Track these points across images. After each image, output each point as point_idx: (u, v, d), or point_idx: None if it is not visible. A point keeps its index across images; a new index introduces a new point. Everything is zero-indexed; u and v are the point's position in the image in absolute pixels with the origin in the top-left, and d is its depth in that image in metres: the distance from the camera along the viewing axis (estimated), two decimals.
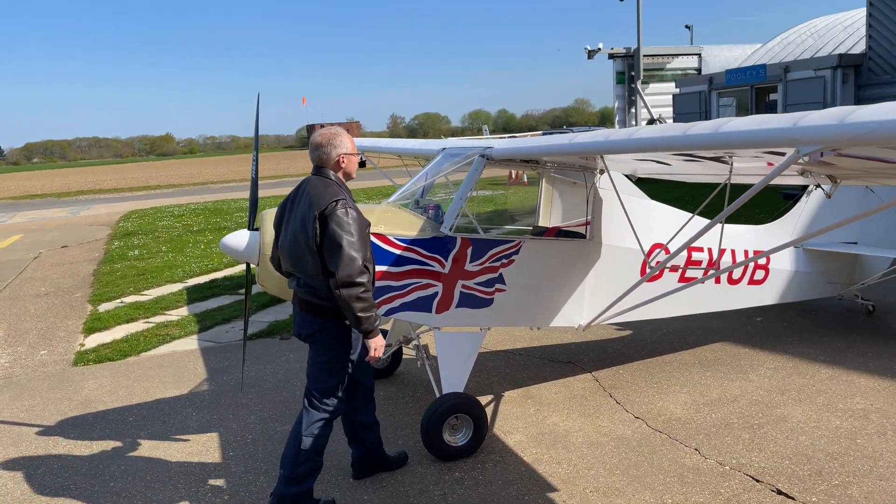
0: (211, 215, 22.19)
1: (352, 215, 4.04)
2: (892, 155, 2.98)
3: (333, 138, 4.22)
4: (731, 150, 3.09)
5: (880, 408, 5.36)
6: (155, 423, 5.92)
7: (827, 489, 4.28)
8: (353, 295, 3.91)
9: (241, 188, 37.33)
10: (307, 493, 4.25)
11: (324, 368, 4.27)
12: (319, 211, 4.04)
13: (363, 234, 4.05)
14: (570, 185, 6.27)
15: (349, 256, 3.93)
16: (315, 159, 4.25)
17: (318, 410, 4.25)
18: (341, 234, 3.97)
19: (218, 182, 45.64)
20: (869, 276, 7.38)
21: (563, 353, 7.14)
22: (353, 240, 3.97)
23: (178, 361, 7.56)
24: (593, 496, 4.36)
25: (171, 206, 26.98)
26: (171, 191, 40.42)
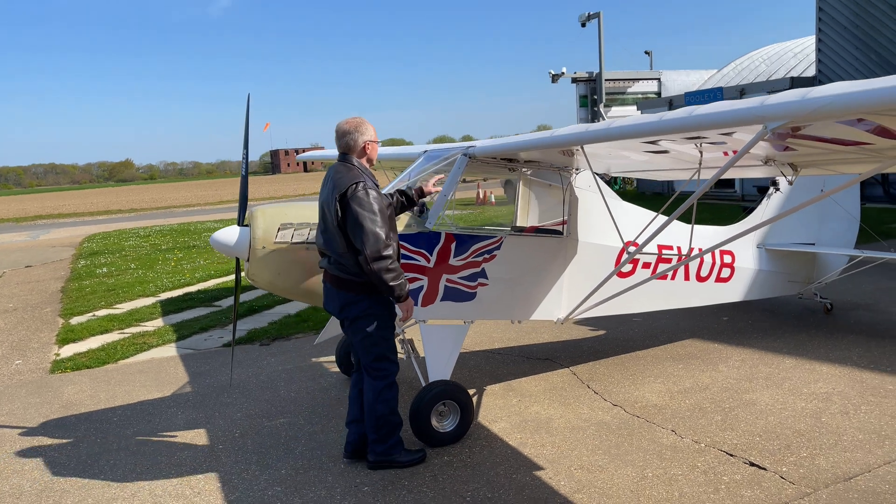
0: (178, 235, 22.01)
1: (372, 195, 4.40)
2: (843, 133, 3.28)
3: (360, 125, 4.60)
4: (704, 130, 3.36)
5: (842, 391, 5.68)
6: (140, 421, 5.94)
7: (796, 460, 4.54)
8: (383, 267, 4.32)
9: (206, 211, 37.09)
10: (396, 444, 4.74)
11: (369, 340, 4.62)
12: (340, 193, 4.41)
13: (384, 211, 4.42)
14: (546, 187, 6.53)
15: (373, 233, 4.31)
16: (342, 146, 4.62)
17: (378, 379, 4.66)
18: (363, 214, 4.34)
19: (181, 206, 45.14)
20: (826, 275, 7.79)
21: (540, 351, 7.35)
22: (375, 217, 4.35)
23: (157, 367, 7.57)
24: (578, 473, 4.55)
25: (135, 229, 26.65)
26: (133, 215, 39.86)
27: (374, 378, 4.69)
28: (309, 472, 4.78)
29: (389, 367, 4.71)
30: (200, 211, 38.24)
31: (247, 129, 5.43)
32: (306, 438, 5.37)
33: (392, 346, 4.75)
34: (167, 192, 74.66)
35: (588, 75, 29.77)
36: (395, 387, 4.74)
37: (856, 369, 6.16)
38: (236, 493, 4.54)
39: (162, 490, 4.64)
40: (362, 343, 4.66)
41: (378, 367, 4.68)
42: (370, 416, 4.72)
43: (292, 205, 5.55)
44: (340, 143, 4.61)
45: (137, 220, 33.16)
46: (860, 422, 5.06)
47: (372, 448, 4.74)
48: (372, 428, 4.71)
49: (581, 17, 29.92)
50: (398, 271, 4.39)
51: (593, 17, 29.31)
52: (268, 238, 5.14)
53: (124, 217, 38.19)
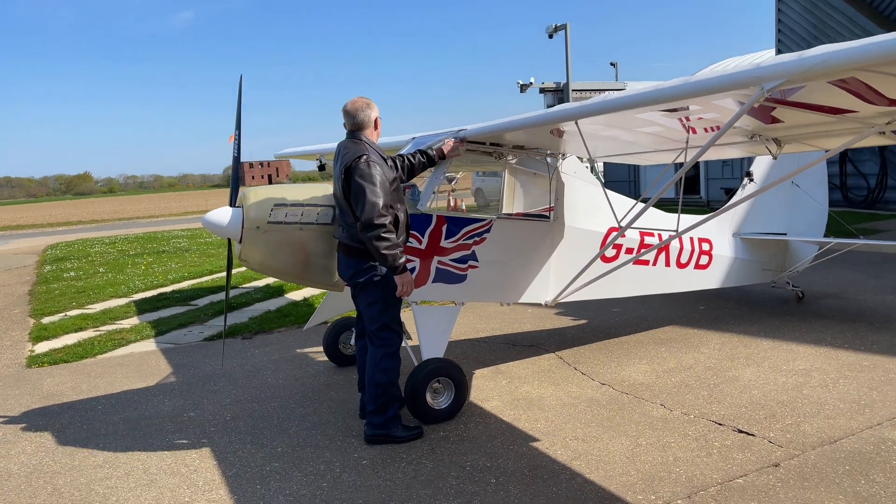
0: (146, 242, 21.64)
1: (374, 168, 4.56)
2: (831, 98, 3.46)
3: (370, 103, 4.86)
4: (701, 96, 3.49)
5: (820, 367, 5.88)
6: (126, 409, 5.86)
7: (782, 427, 4.69)
8: (375, 235, 4.45)
9: (171, 222, 36.50)
10: (394, 419, 4.78)
11: (375, 308, 4.74)
12: (345, 166, 4.60)
13: (385, 184, 4.55)
14: (531, 175, 6.65)
15: (371, 202, 4.46)
16: (354, 124, 4.80)
17: (380, 347, 4.76)
18: (364, 184, 4.51)
19: (145, 217, 44.38)
20: (797, 263, 8.05)
21: (525, 339, 7.45)
22: (375, 188, 4.50)
23: (138, 360, 7.46)
24: (573, 443, 4.63)
25: (99, 238, 26.12)
26: (94, 226, 39.02)
27: (377, 346, 4.81)
28: (306, 450, 4.77)
29: (392, 338, 4.82)
30: (164, 222, 37.62)
31: (239, 109, 5.43)
32: (299, 419, 5.36)
33: (397, 316, 4.86)
34: (128, 205, 73.30)
35: (556, 85, 30.20)
36: (396, 358, 4.83)
37: (831, 349, 6.38)
38: (234, 469, 4.51)
39: (156, 468, 4.59)
40: (368, 310, 4.80)
41: (381, 336, 4.80)
42: (369, 385, 4.82)
43: (285, 186, 5.57)
44: (352, 121, 4.79)
45: (100, 231, 32.47)
46: (840, 393, 5.25)
47: (369, 420, 4.79)
48: (371, 398, 4.79)
49: (548, 28, 30.38)
50: (392, 241, 4.48)
51: (560, 28, 29.76)
52: (261, 218, 5.13)
53: (86, 228, 37.37)
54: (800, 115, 3.85)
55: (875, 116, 3.69)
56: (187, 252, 17.55)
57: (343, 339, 6.70)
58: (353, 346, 6.72)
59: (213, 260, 15.33)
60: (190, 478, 4.43)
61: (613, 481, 4.05)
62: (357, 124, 4.78)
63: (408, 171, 5.21)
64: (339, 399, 5.79)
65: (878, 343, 6.44)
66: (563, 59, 29.51)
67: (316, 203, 5.22)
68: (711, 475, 4.05)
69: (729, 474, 4.05)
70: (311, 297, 10.14)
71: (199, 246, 18.91)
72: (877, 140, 4.16)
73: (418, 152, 5.31)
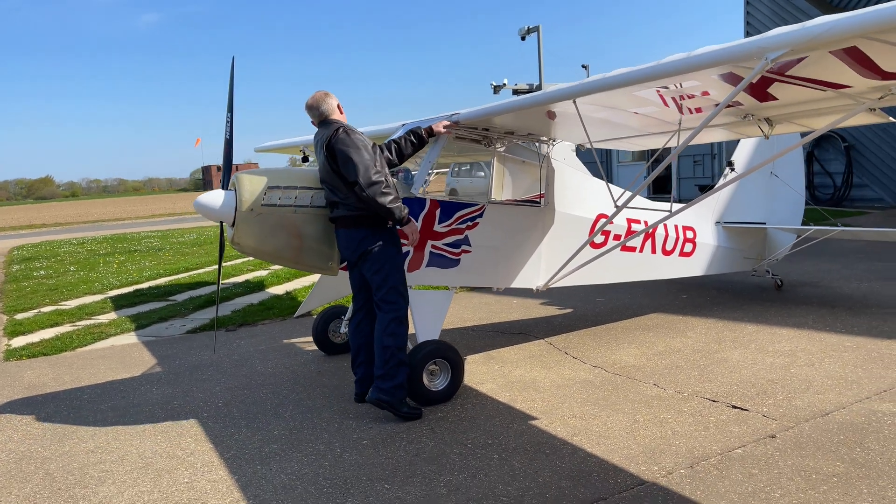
0: (116, 242, 21.23)
1: (354, 135, 4.72)
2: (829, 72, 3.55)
3: (326, 95, 4.99)
4: (704, 69, 3.56)
5: (804, 348, 6.01)
6: (113, 398, 5.75)
7: (774, 402, 4.79)
8: (378, 191, 4.59)
9: (139, 224, 35.81)
10: (401, 386, 4.80)
11: (381, 273, 4.81)
12: (325, 144, 4.72)
13: (369, 149, 4.70)
14: (520, 163, 6.69)
15: (363, 164, 4.62)
16: (319, 115, 4.97)
17: (388, 312, 4.81)
18: (349, 150, 4.66)
19: (111, 220, 43.48)
20: (776, 251, 8.22)
21: (513, 327, 7.48)
22: (360, 151, 4.66)
23: (120, 353, 7.32)
24: (572, 421, 4.67)
25: (66, 240, 25.54)
26: (58, 228, 38.08)
27: (385, 311, 4.86)
28: (303, 432, 4.73)
29: (399, 301, 4.88)
30: (132, 224, 36.84)
31: (231, 91, 5.37)
32: (294, 404, 5.31)
33: (403, 280, 4.93)
34: (92, 208, 71.67)
35: (529, 87, 30.38)
36: (404, 323, 4.88)
37: (814, 331, 6.52)
38: (231, 452, 4.45)
39: (151, 452, 4.51)
40: (375, 277, 4.85)
41: (388, 300, 4.85)
42: (378, 349, 4.85)
43: (279, 169, 5.52)
44: (317, 114, 4.96)
45: (66, 233, 31.68)
46: (826, 371, 5.37)
47: (377, 384, 4.82)
48: (380, 363, 4.83)
49: (521, 30, 30.57)
50: (394, 194, 4.64)
51: (532, 30, 29.98)
52: (255, 201, 5.07)
53: (50, 230, 36.43)
54: (795, 92, 3.94)
55: (868, 91, 3.79)
56: (161, 251, 17.27)
57: (332, 328, 6.66)
58: (343, 335, 6.70)
59: (189, 258, 15.11)
60: (187, 460, 4.36)
61: (616, 454, 4.09)
62: (322, 114, 4.94)
63: (397, 154, 5.22)
64: (332, 385, 5.75)
65: (858, 326, 6.61)
66: (536, 60, 29.77)
67: (310, 186, 5.19)
68: (710, 447, 4.11)
69: (727, 446, 4.11)
70: (294, 291, 10.06)
71: (172, 245, 18.62)
72: (867, 118, 4.28)
73: (407, 133, 5.34)
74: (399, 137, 5.35)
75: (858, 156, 19.16)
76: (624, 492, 3.63)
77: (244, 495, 3.84)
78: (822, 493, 3.48)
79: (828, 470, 3.72)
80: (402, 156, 5.29)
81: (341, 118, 4.99)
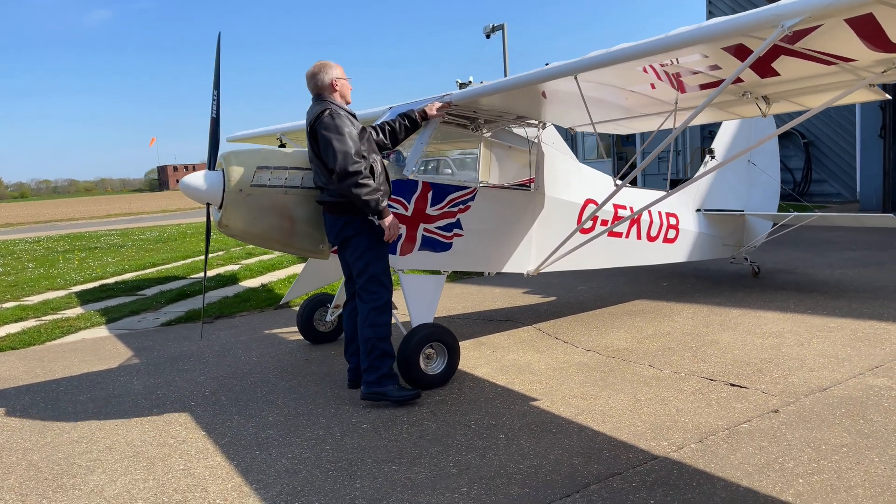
0: (74, 240, 20.54)
1: (338, 119, 4.50)
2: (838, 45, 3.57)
3: (325, 66, 4.77)
4: (717, 42, 3.55)
5: (791, 329, 6.08)
6: (91, 389, 5.51)
7: (770, 380, 4.82)
8: (353, 183, 4.40)
9: (94, 224, 34.74)
10: (388, 376, 4.65)
11: (362, 261, 4.65)
12: (309, 125, 4.54)
13: (353, 134, 4.50)
14: (508, 147, 6.62)
15: (341, 151, 4.42)
16: (312, 88, 4.77)
17: (367, 301, 4.65)
18: (329, 136, 4.47)
19: (64, 220, 42.17)
20: (754, 239, 8.34)
21: (498, 314, 7.42)
22: (342, 137, 4.46)
23: (93, 346, 7.05)
24: (573, 401, 4.62)
25: (21, 238, 24.65)
26: (10, 229, 36.70)
27: (365, 301, 4.71)
28: (299, 418, 4.59)
29: (380, 291, 4.70)
30: (87, 224, 35.70)
31: (217, 68, 5.19)
32: (285, 392, 5.16)
33: (385, 269, 4.77)
34: (43, 209, 69.46)
35: None
36: (386, 312, 4.72)
37: (797, 314, 6.62)
38: (226, 439, 4.29)
39: (140, 441, 4.32)
40: (356, 264, 4.71)
41: (369, 290, 4.69)
42: (360, 341, 4.74)
43: (267, 149, 5.36)
44: (310, 86, 4.79)
45: (18, 233, 30.59)
46: (816, 350, 5.43)
47: (364, 379, 4.70)
48: (364, 354, 4.71)
49: (486, 28, 30.64)
50: (370, 186, 4.43)
51: (497, 28, 30.09)
52: (244, 181, 4.90)
53: (1, 231, 35.19)
54: (799, 66, 3.96)
55: (872, 65, 3.83)
56: (122, 248, 16.77)
57: (318, 316, 6.50)
58: (329, 323, 6.56)
59: (154, 254, 14.69)
60: (179, 448, 4.18)
61: (623, 431, 4.05)
62: (316, 88, 4.76)
63: (391, 136, 5.13)
64: (322, 372, 5.61)
65: (839, 308, 6.73)
66: (501, 58, 29.86)
67: (300, 166, 5.04)
68: (716, 422, 4.11)
69: (733, 421, 4.11)
70: (270, 284, 9.84)
71: (134, 242, 18.11)
72: (864, 95, 4.33)
73: (400, 116, 5.23)
74: (393, 120, 5.25)
75: (817, 152, 19.66)
76: (638, 466, 3.59)
77: (246, 480, 3.69)
78: (835, 463, 3.49)
79: (836, 441, 3.74)
80: (395, 139, 5.19)
81: (334, 96, 4.77)
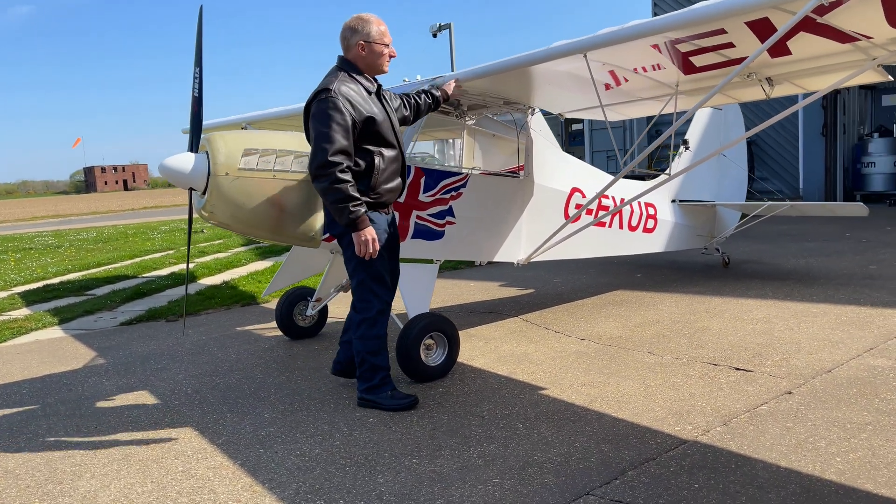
0: (4, 241, 19.36)
1: (331, 105, 3.97)
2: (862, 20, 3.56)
3: (359, 22, 4.18)
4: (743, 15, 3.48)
5: (777, 315, 6.14)
6: (58, 391, 5.08)
7: (773, 363, 4.81)
8: (321, 187, 3.97)
9: (21, 227, 32.87)
10: (378, 387, 4.27)
11: (352, 263, 4.21)
12: (306, 105, 4.11)
13: (343, 124, 3.93)
14: (496, 134, 6.46)
15: (317, 148, 3.95)
16: (341, 46, 4.23)
17: (359, 311, 4.25)
18: (315, 126, 4.01)
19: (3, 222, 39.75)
20: (724, 230, 8.45)
21: (481, 307, 7.27)
22: (326, 131, 3.93)
23: (50, 346, 6.55)
24: (583, 389, 4.50)
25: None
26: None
27: (357, 310, 4.31)
28: (297, 414, 4.32)
29: (370, 299, 4.23)
30: (13, 226, 33.80)
31: (199, 43, 4.84)
32: (275, 388, 4.87)
33: (378, 274, 4.25)
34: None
35: None
36: (377, 325, 4.26)
37: (778, 301, 6.70)
38: (223, 438, 3.98)
39: (126, 443, 3.97)
40: (347, 265, 4.30)
41: (360, 297, 4.27)
42: (353, 349, 4.38)
43: (253, 132, 5.06)
44: (341, 45, 4.27)
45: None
46: (808, 334, 5.48)
47: (357, 385, 4.39)
48: (357, 364, 4.37)
49: (432, 27, 30.45)
50: (342, 193, 3.88)
51: (444, 27, 30.00)
52: (231, 164, 4.59)
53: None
54: (813, 46, 3.95)
55: (887, 43, 3.84)
56: (60, 248, 15.88)
57: (298, 311, 6.20)
58: (310, 318, 6.26)
59: (97, 254, 13.95)
60: (173, 448, 3.86)
61: (643, 417, 3.95)
62: (342, 48, 4.25)
63: (413, 111, 4.78)
64: (310, 367, 5.33)
65: (815, 295, 6.84)
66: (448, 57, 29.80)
67: (290, 149, 4.77)
68: (734, 405, 4.05)
69: (750, 403, 4.06)
70: (233, 281, 9.41)
71: (72, 242, 17.18)
72: (869, 76, 4.37)
73: (423, 92, 4.87)
74: (417, 93, 4.86)
75: (759, 151, 20.27)
76: (669, 451, 3.48)
77: (256, 480, 3.41)
78: (865, 441, 3.47)
79: (859, 420, 3.73)
80: (417, 114, 4.84)
81: (356, 63, 4.18)
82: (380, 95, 4.28)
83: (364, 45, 4.18)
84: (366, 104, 4.11)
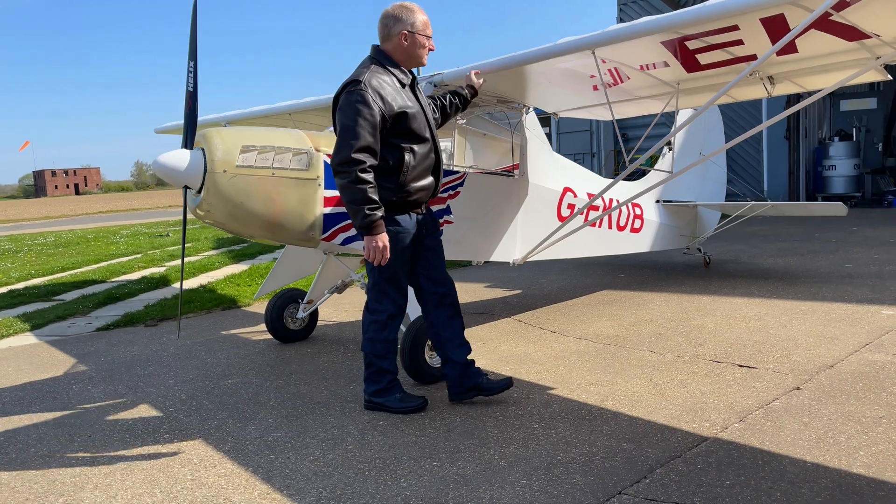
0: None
1: (360, 98, 3.80)
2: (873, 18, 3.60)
3: (403, 10, 3.98)
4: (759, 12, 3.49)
5: (768, 313, 6.21)
6: (43, 399, 4.84)
7: (775, 359, 4.85)
8: (340, 184, 3.83)
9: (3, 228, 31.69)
10: (385, 390, 4.18)
11: (368, 265, 4.06)
12: (335, 96, 3.97)
13: (371, 120, 3.77)
14: (480, 136, 6.42)
15: (341, 143, 3.81)
16: (379, 33, 4.04)
17: (371, 311, 4.14)
18: (341, 120, 3.86)
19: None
20: (705, 230, 8.55)
21: (471, 308, 7.19)
22: (352, 125, 3.78)
23: (24, 353, 6.25)
24: (592, 388, 4.46)
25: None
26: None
27: (370, 310, 4.19)
28: (304, 418, 4.18)
29: (383, 302, 4.09)
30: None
31: (194, 37, 4.69)
32: (275, 392, 4.72)
33: (392, 276, 4.10)
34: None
35: None
36: (387, 328, 4.13)
37: (765, 299, 6.78)
38: (229, 444, 3.83)
39: (126, 451, 3.78)
40: (365, 262, 4.13)
41: (372, 296, 4.16)
42: (362, 350, 4.27)
43: (249, 128, 4.91)
44: (378, 33, 4.06)
45: None
46: (802, 331, 5.54)
47: (364, 388, 4.28)
48: (364, 364, 4.26)
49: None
50: (360, 193, 3.71)
51: None
52: (228, 161, 4.44)
53: None
54: (821, 43, 3.99)
55: (893, 41, 3.90)
56: (18, 253, 15.30)
57: (289, 313, 6.04)
58: (302, 321, 6.11)
59: (59, 259, 13.46)
60: (179, 457, 3.69)
61: (658, 415, 3.93)
62: (381, 37, 4.02)
63: (441, 113, 4.55)
64: (307, 371, 5.19)
65: (801, 293, 6.95)
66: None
67: (288, 146, 4.64)
68: (746, 402, 4.06)
69: (762, 400, 4.08)
70: (210, 284, 9.16)
71: (30, 247, 16.57)
72: (871, 75, 4.43)
73: (450, 94, 4.62)
74: (444, 96, 4.63)
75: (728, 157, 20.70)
76: (693, 448, 3.46)
77: (272, 487, 3.28)
78: (883, 434, 3.50)
79: (872, 413, 3.77)
80: (445, 117, 4.63)
81: (394, 54, 3.97)
82: (414, 88, 4.10)
83: (407, 36, 3.98)
84: (398, 97, 3.90)
